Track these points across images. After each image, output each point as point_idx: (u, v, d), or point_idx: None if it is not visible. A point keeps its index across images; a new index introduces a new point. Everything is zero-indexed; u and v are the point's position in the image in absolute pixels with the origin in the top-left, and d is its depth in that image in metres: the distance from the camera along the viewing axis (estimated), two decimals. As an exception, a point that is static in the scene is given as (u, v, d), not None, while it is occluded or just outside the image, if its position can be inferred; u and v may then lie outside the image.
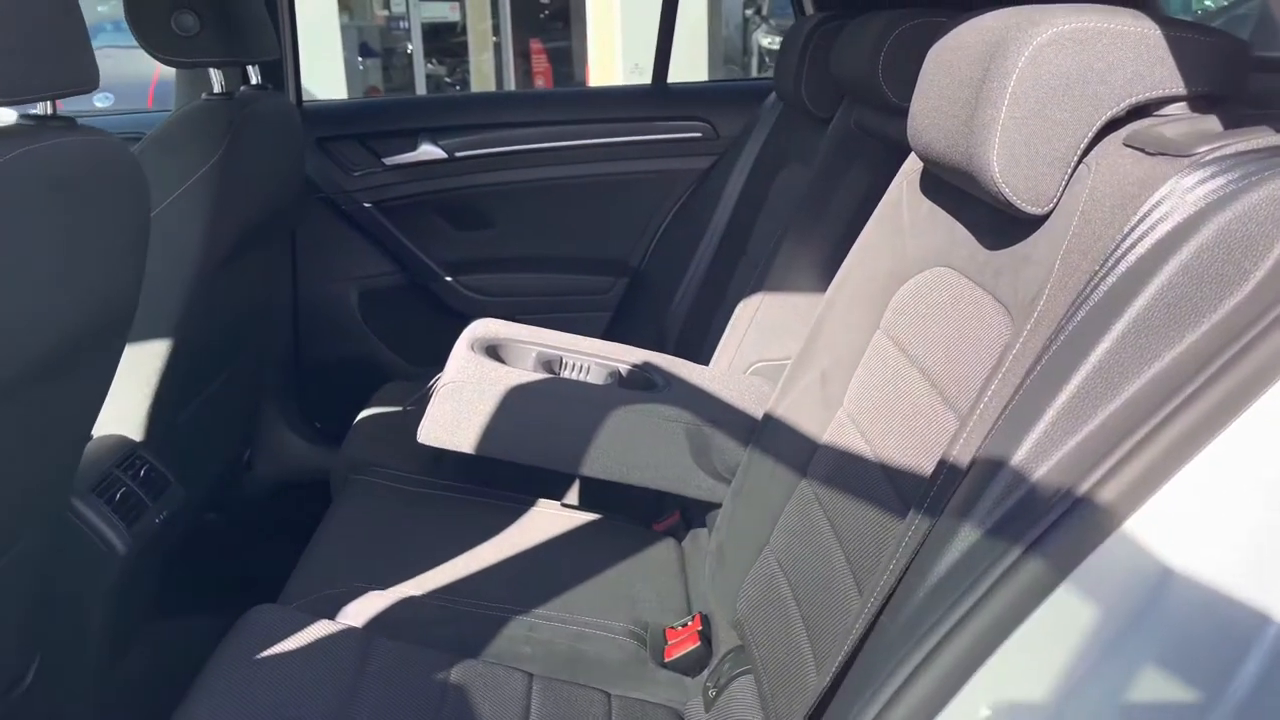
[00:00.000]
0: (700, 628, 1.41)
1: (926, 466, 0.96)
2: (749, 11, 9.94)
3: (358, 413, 1.94)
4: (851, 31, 1.52)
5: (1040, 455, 0.66)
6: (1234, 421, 0.61)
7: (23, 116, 1.02)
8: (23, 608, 1.27)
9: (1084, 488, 0.63)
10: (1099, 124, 0.85)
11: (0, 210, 0.87)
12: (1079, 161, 0.86)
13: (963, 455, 0.79)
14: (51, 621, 1.41)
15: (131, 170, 1.13)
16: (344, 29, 8.64)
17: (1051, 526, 0.63)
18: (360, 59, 9.34)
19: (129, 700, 1.56)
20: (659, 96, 2.45)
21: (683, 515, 1.75)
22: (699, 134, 2.40)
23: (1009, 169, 0.86)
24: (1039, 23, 0.85)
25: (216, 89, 1.71)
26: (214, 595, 1.97)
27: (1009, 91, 0.85)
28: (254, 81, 1.92)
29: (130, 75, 2.58)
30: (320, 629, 1.29)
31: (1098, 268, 0.74)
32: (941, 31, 1.07)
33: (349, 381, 2.38)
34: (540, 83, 9.62)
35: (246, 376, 2.13)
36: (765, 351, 1.68)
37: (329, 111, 2.39)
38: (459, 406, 1.37)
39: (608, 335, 2.44)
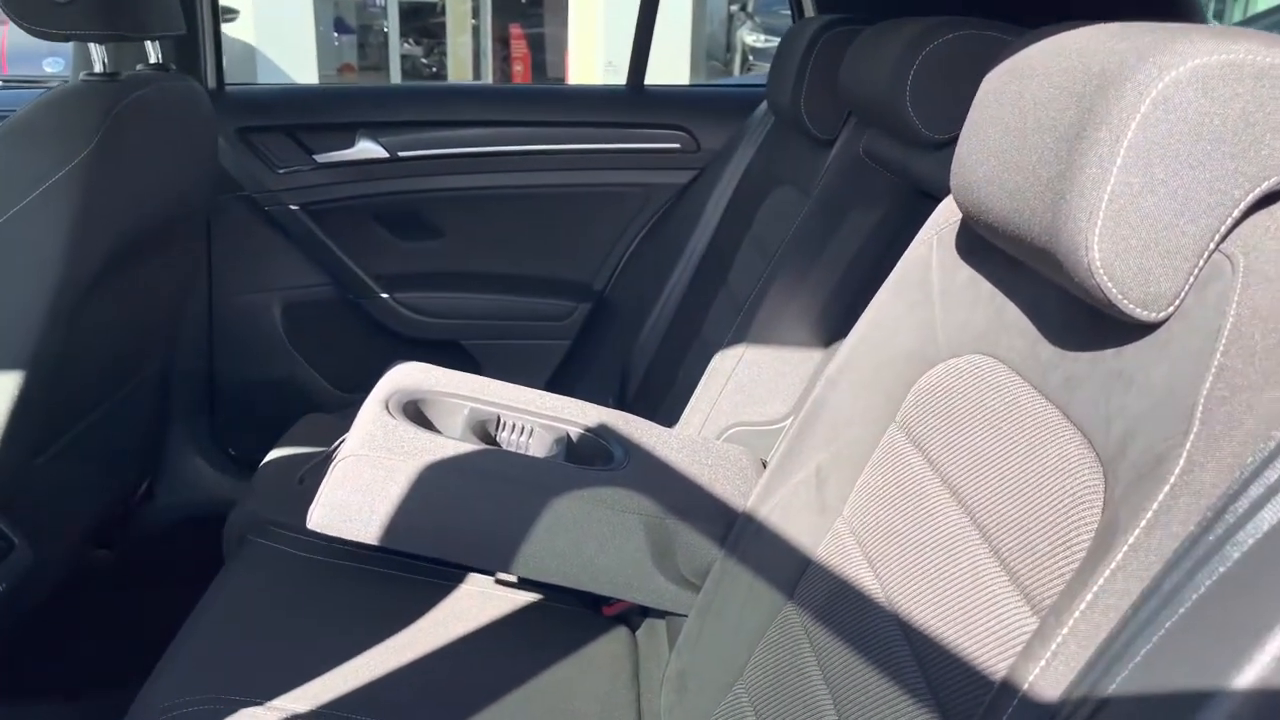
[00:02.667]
0: (652, 760, 1.15)
1: (968, 649, 0.70)
2: (734, 7, 9.76)
3: (275, 440, 1.66)
4: (869, 40, 1.26)
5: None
6: None
7: None
8: None
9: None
10: (1251, 197, 0.59)
11: None
12: (1214, 250, 0.60)
13: (1045, 689, 0.53)
14: None
15: None
16: (318, 4, 8.42)
17: None
18: (335, 34, 9.15)
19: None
20: (634, 100, 2.17)
21: (639, 598, 1.48)
22: (677, 145, 2.13)
23: (1115, 257, 0.61)
24: (1171, 50, 0.59)
25: (98, 68, 1.41)
26: (79, 666, 1.68)
27: (1124, 146, 0.59)
28: (153, 60, 1.62)
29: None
30: (171, 764, 1.02)
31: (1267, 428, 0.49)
32: (999, 50, 0.81)
33: (270, 405, 2.10)
34: (519, 68, 9.39)
35: (146, 400, 1.84)
36: (744, 413, 1.42)
37: (252, 98, 2.09)
38: (360, 487, 1.09)
39: (564, 368, 2.17)
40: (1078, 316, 0.73)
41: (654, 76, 2.22)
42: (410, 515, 1.10)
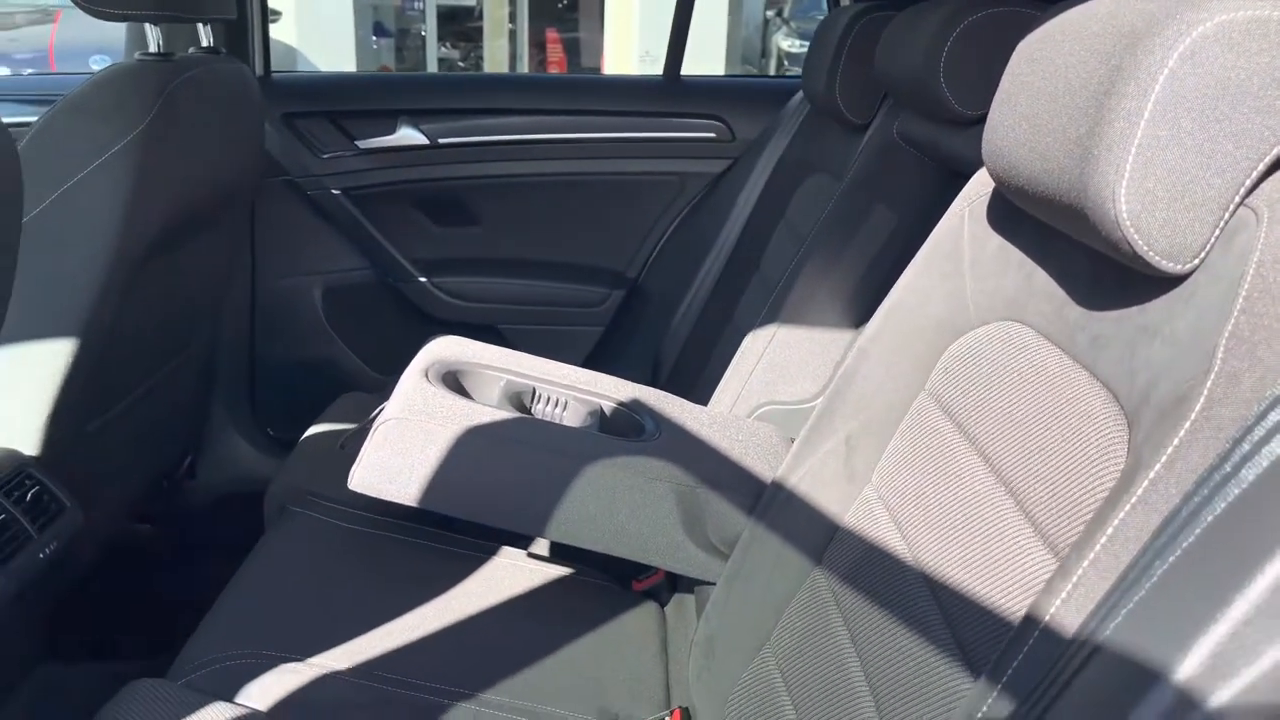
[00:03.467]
0: (680, 725, 1.17)
1: (998, 603, 0.72)
2: (769, 13, 9.75)
3: (313, 421, 1.70)
4: (904, 23, 1.27)
5: (1224, 671, 0.42)
6: None
7: None
8: None
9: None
10: (1277, 152, 0.60)
11: None
12: (1240, 203, 0.62)
13: (1066, 619, 0.55)
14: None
15: None
16: (358, 6, 8.50)
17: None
18: (374, 38, 9.22)
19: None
20: (670, 90, 2.20)
21: (668, 574, 1.50)
22: (712, 134, 2.15)
23: (1142, 209, 0.62)
24: (1199, 6, 0.61)
25: (152, 49, 1.46)
26: (122, 633, 1.73)
27: (1151, 100, 0.61)
28: (205, 44, 1.67)
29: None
30: (214, 713, 1.05)
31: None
32: (1029, 25, 0.83)
33: (308, 387, 2.14)
34: (554, 73, 9.45)
35: (190, 377, 1.89)
36: (776, 392, 1.43)
37: (298, 85, 2.13)
38: (400, 449, 1.12)
39: (597, 354, 2.19)
40: (1105, 277, 0.74)
41: (692, 73, 2.24)
42: (447, 477, 1.13)
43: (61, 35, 5.69)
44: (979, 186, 0.98)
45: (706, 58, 7.82)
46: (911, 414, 0.98)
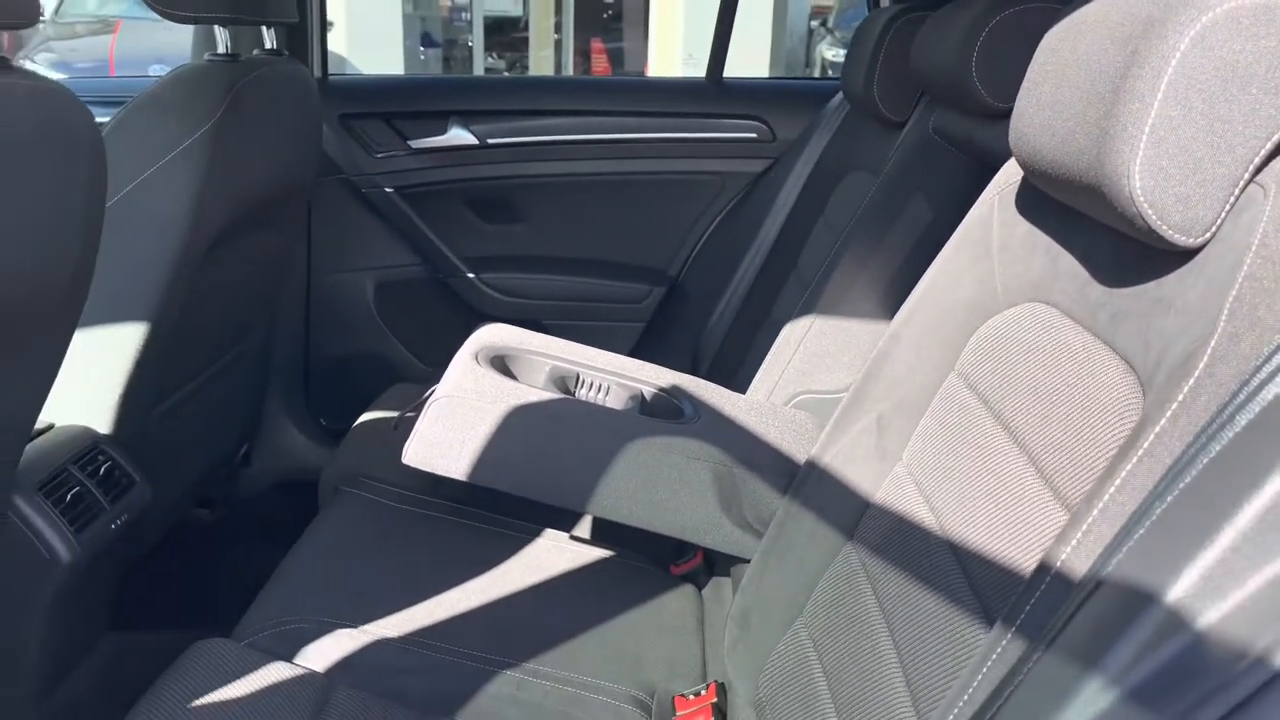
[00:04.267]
0: (715, 699, 1.21)
1: (1015, 558, 0.75)
2: (814, 23, 9.76)
3: (366, 410, 1.77)
4: (938, 22, 1.31)
5: (1211, 593, 0.46)
6: None
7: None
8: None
9: (1283, 653, 0.42)
10: (1281, 133, 0.64)
11: None
12: (1250, 180, 0.65)
13: (1077, 562, 0.59)
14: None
15: (80, 128, 0.96)
16: (407, 17, 8.62)
17: (1246, 704, 0.42)
18: (421, 48, 9.35)
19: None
20: (713, 91, 2.25)
21: (705, 558, 1.55)
22: (753, 135, 2.19)
23: (1155, 185, 0.66)
24: (1208, -6, 0.64)
25: (221, 50, 1.54)
26: (184, 607, 1.80)
27: (1164, 82, 0.65)
28: (268, 46, 1.75)
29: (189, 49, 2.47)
30: (274, 672, 1.11)
31: (1287, 329, 0.54)
32: (1056, 19, 0.87)
33: (359, 378, 2.22)
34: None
35: (248, 367, 1.97)
36: (812, 382, 1.47)
37: (354, 87, 2.22)
38: (452, 426, 1.18)
39: (638, 349, 2.25)
40: (1125, 256, 0.78)
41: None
42: (495, 453, 1.18)
43: (121, 45, 5.88)
44: (1008, 175, 1.02)
45: (751, 69, 7.86)
46: (941, 393, 1.02)
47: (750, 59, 7.85)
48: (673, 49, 8.38)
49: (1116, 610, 0.49)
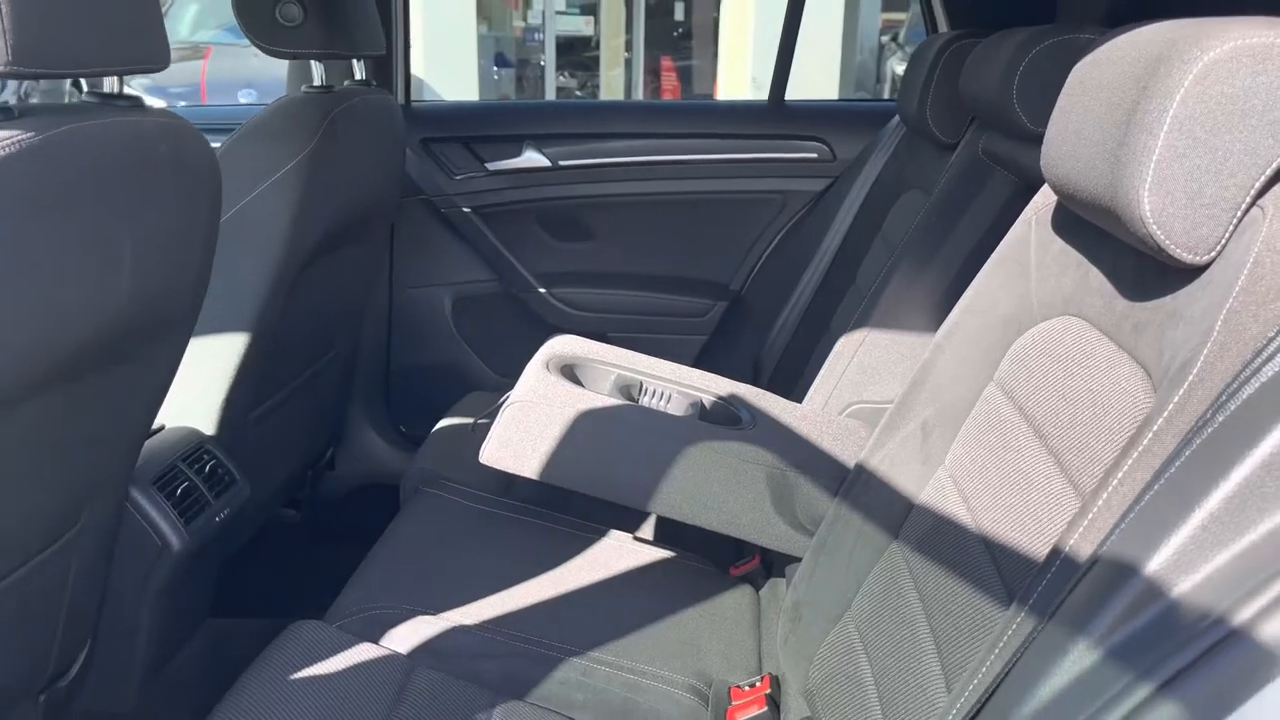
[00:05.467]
0: (769, 690, 1.28)
1: (1037, 549, 0.82)
2: (884, 38, 9.75)
3: (443, 417, 1.88)
4: (985, 50, 1.38)
5: (1184, 565, 0.53)
6: None
7: (88, 94, 0.98)
8: (76, 597, 1.24)
9: (1243, 614, 0.49)
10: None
11: (38, 187, 0.81)
12: (1252, 204, 0.72)
13: (1082, 546, 0.66)
14: (102, 615, 1.37)
15: (201, 157, 1.08)
16: (481, 38, 8.80)
17: (1199, 659, 0.49)
18: (495, 68, 9.51)
19: (172, 706, 1.52)
20: (775, 114, 2.33)
21: (763, 561, 1.62)
22: (814, 154, 2.27)
23: (1163, 208, 0.72)
24: (1214, 35, 0.71)
25: (316, 82, 1.67)
26: (275, 597, 1.93)
27: (1170, 115, 0.71)
28: (358, 77, 1.88)
29: (277, 75, 2.63)
30: (362, 652, 1.22)
31: (1273, 334, 0.60)
32: (1087, 49, 0.93)
33: (437, 387, 2.33)
34: (666, 98, 9.63)
35: (334, 376, 2.10)
36: (864, 392, 1.54)
37: (435, 113, 2.35)
38: (525, 428, 1.28)
39: (700, 361, 2.33)
40: (1146, 272, 0.84)
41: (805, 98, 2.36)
42: (564, 454, 1.28)
43: (212, 70, 6.17)
44: (1045, 197, 1.08)
45: (822, 83, 7.89)
46: (981, 401, 1.08)
47: (821, 75, 7.88)
48: (742, 68, 8.45)
49: (1104, 584, 0.56)
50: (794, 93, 2.35)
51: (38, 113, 0.85)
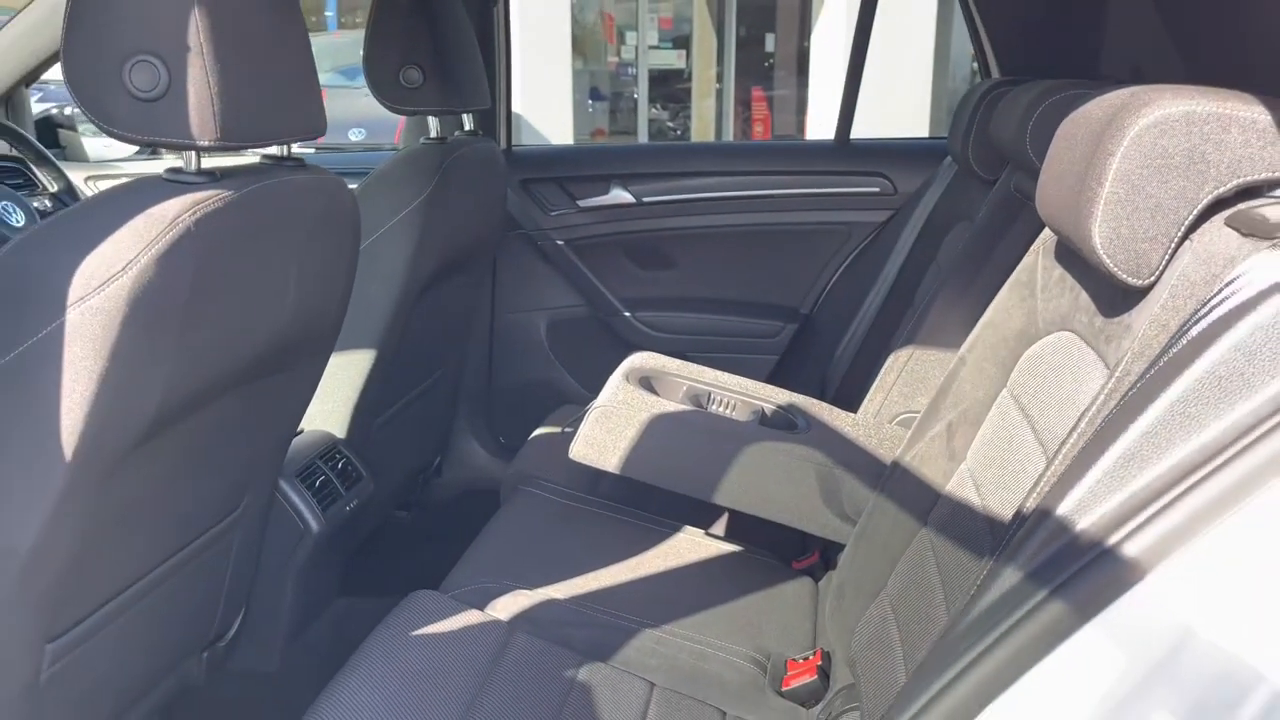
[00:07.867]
0: (820, 662, 1.46)
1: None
2: (976, 64, 9.71)
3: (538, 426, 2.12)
4: (1012, 98, 1.56)
5: (1083, 509, 0.71)
6: (1262, 490, 0.64)
7: (263, 157, 1.24)
8: (236, 569, 1.50)
9: (1114, 539, 0.67)
10: (1203, 204, 0.87)
11: (237, 232, 1.07)
12: (1183, 238, 0.89)
13: (1028, 504, 0.84)
14: (254, 586, 1.64)
15: (348, 206, 1.33)
16: (576, 73, 9.05)
17: (1078, 572, 0.67)
18: (590, 102, 9.74)
19: (308, 667, 1.78)
20: (840, 152, 2.53)
21: (822, 556, 1.80)
22: (877, 189, 2.46)
23: (1109, 242, 0.90)
24: (1149, 103, 0.89)
25: (433, 134, 1.94)
26: (391, 582, 2.19)
27: (1112, 169, 0.89)
28: (467, 128, 2.15)
29: (383, 115, 2.93)
30: (470, 618, 1.44)
31: (1171, 338, 0.78)
32: (1082, 104, 1.11)
33: (533, 402, 2.57)
34: (759, 129, 9.76)
35: (443, 391, 2.36)
36: (911, 403, 1.72)
37: (532, 156, 2.62)
38: (607, 429, 1.50)
39: (772, 379, 2.52)
40: (1114, 293, 1.02)
41: (896, 131, 2.54)
42: (640, 451, 1.49)
43: (326, 110, 6.58)
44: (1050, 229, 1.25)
45: (914, 110, 7.91)
46: (997, 405, 1.26)
47: (912, 102, 7.92)
48: (832, 96, 8.53)
49: (1034, 524, 0.75)
50: (883, 120, 2.55)
51: (234, 174, 1.11)
